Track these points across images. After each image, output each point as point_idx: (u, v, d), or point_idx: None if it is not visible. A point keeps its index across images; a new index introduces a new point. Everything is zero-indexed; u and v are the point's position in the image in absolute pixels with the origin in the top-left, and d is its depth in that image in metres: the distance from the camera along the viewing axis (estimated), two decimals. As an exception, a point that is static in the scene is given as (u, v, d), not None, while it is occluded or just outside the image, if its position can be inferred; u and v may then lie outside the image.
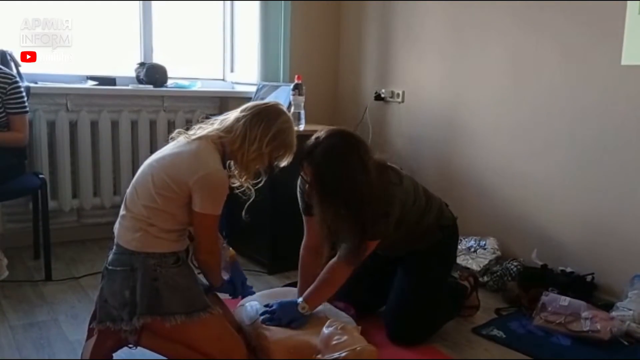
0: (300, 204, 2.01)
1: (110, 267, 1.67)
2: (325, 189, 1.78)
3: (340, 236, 1.86)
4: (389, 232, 1.90)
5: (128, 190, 1.73)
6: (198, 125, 1.78)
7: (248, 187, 1.81)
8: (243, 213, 1.85)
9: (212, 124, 1.78)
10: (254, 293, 2.00)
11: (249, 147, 1.70)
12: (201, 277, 1.83)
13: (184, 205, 1.65)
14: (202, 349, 1.66)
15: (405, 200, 1.93)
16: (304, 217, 2.02)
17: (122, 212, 1.72)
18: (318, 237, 1.94)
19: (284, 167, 1.84)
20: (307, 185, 1.84)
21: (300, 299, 1.88)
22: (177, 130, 1.79)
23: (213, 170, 1.64)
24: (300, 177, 1.90)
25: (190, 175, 1.62)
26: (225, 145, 1.72)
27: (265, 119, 1.73)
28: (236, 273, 1.93)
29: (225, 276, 1.89)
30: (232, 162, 1.79)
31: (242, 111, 1.76)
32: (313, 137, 1.81)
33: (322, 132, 1.81)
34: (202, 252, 1.74)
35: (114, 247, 1.71)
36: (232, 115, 1.77)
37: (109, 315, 1.67)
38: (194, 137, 1.72)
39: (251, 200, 1.80)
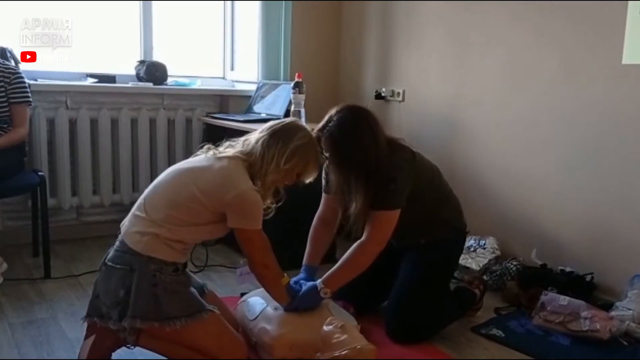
0: (323, 183, 2.12)
1: (109, 264, 1.66)
2: (340, 158, 1.91)
3: (354, 212, 1.93)
4: (402, 202, 1.95)
5: (148, 192, 1.73)
6: (227, 143, 1.81)
7: (269, 207, 1.81)
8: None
9: (237, 144, 1.80)
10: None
11: (267, 167, 1.72)
12: (196, 277, 1.84)
13: (205, 223, 1.68)
14: (203, 348, 1.66)
15: (415, 174, 1.99)
16: (323, 195, 2.15)
17: (136, 211, 1.71)
18: (332, 211, 2.10)
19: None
20: (327, 162, 1.95)
21: (319, 282, 1.90)
22: (206, 146, 1.81)
23: (246, 188, 1.66)
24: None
25: (224, 193, 1.64)
26: (250, 167, 1.74)
27: (282, 138, 1.74)
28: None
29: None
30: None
31: (260, 132, 1.78)
32: (327, 115, 1.96)
33: (333, 110, 1.95)
34: (256, 266, 1.78)
35: (118, 243, 1.69)
36: (253, 136, 1.79)
37: (97, 311, 1.67)
38: (222, 154, 1.74)
39: (270, 216, 1.80)
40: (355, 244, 1.97)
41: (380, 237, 1.95)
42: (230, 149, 1.78)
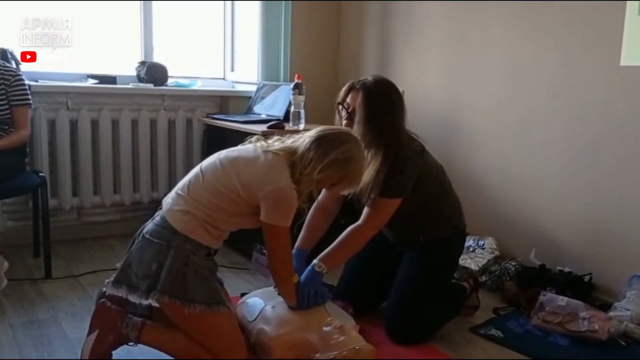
0: None
1: (147, 236, 1.69)
2: (371, 110, 1.94)
3: (367, 180, 1.94)
4: (406, 193, 1.98)
5: (193, 174, 1.76)
6: (277, 137, 1.82)
7: (301, 207, 1.79)
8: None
9: (288, 139, 1.80)
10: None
11: (301, 170, 1.71)
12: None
13: (243, 213, 1.70)
14: (207, 341, 1.68)
15: (422, 169, 2.02)
16: None
17: (179, 191, 1.74)
18: (333, 199, 2.12)
19: None
20: (345, 121, 1.98)
21: (315, 260, 1.93)
22: (256, 136, 1.82)
23: (283, 185, 1.67)
24: None
25: (263, 186, 1.66)
26: (292, 165, 1.73)
27: (323, 146, 1.71)
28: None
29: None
30: None
31: (311, 132, 1.78)
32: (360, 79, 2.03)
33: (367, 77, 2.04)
34: (274, 262, 1.78)
35: (158, 218, 1.72)
36: (305, 135, 1.79)
37: (127, 279, 1.69)
38: (271, 148, 1.74)
39: (302, 221, 1.80)
40: (350, 227, 2.00)
41: (375, 223, 2.00)
42: (278, 142, 1.79)
